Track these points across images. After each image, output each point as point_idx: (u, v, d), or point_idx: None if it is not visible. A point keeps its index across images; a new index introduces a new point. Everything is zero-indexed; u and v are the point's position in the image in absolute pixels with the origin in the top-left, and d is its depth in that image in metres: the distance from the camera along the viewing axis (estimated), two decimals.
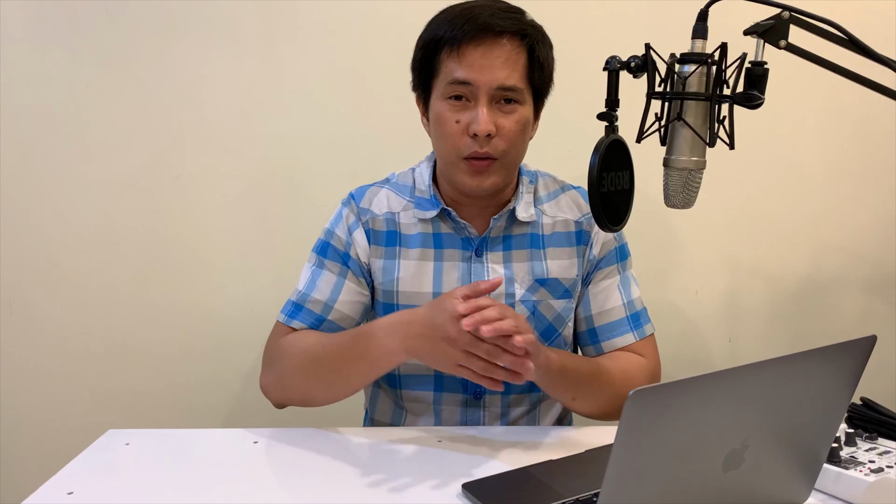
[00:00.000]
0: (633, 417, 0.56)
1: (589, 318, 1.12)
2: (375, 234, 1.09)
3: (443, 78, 1.00)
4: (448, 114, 1.00)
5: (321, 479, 0.86)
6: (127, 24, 1.44)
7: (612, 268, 1.13)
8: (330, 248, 1.10)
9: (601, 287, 1.12)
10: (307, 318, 1.08)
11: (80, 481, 0.85)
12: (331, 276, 1.09)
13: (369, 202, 1.11)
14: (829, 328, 1.65)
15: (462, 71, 0.97)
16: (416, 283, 1.07)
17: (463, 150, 0.99)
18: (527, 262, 1.09)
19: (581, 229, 1.12)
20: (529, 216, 1.09)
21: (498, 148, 0.99)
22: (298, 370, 1.02)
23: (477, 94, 0.98)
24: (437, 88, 1.01)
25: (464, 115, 0.99)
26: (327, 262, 1.10)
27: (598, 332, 1.11)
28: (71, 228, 1.50)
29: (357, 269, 1.09)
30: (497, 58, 0.97)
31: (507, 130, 0.99)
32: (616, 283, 1.12)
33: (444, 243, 1.08)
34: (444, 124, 1.00)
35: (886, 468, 0.81)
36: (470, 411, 1.10)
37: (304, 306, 1.08)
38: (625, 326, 1.11)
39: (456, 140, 1.00)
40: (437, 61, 1.00)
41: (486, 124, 0.97)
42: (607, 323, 1.11)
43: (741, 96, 0.79)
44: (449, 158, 1.03)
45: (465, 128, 0.99)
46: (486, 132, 0.97)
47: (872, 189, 1.61)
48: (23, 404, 1.55)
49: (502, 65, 0.97)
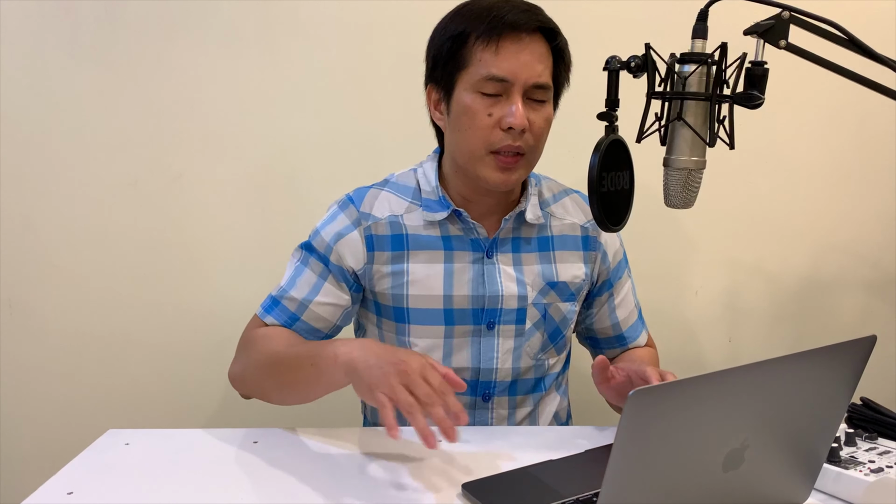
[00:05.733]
0: (633, 417, 0.56)
1: (616, 325, 1.18)
2: (379, 239, 1.06)
3: (475, 71, 0.98)
4: (479, 106, 0.98)
5: (321, 479, 0.86)
6: (127, 24, 1.44)
7: (626, 274, 1.19)
8: (313, 248, 1.09)
9: (623, 295, 1.18)
10: (281, 316, 1.07)
11: (80, 481, 0.84)
12: (312, 275, 1.07)
13: (370, 206, 1.08)
14: (829, 328, 1.65)
15: (499, 66, 0.96)
16: (427, 286, 1.06)
17: (494, 143, 0.99)
18: (537, 265, 1.09)
19: (587, 234, 1.13)
20: (537, 217, 1.09)
21: (528, 143, 1.00)
22: (259, 365, 1.02)
23: (511, 90, 0.97)
24: (466, 81, 0.99)
25: (496, 108, 0.98)
26: (311, 261, 1.08)
27: (626, 336, 1.19)
28: (71, 228, 1.50)
29: (339, 273, 1.07)
30: (533, 53, 0.97)
31: (537, 126, 1.00)
32: (629, 287, 1.20)
33: (454, 245, 1.07)
34: (475, 117, 0.99)
35: (886, 468, 0.81)
36: (478, 413, 1.10)
37: (281, 302, 1.08)
38: (640, 325, 1.22)
39: (486, 133, 0.99)
40: (469, 54, 0.98)
41: (522, 118, 0.97)
42: (630, 326, 1.20)
43: (741, 96, 0.80)
44: (475, 153, 1.00)
45: (497, 121, 0.98)
46: (522, 126, 0.97)
47: (872, 189, 1.61)
48: (23, 404, 1.55)
49: (538, 61, 0.98)
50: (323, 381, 0.91)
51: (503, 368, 1.08)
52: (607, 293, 1.17)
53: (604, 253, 1.14)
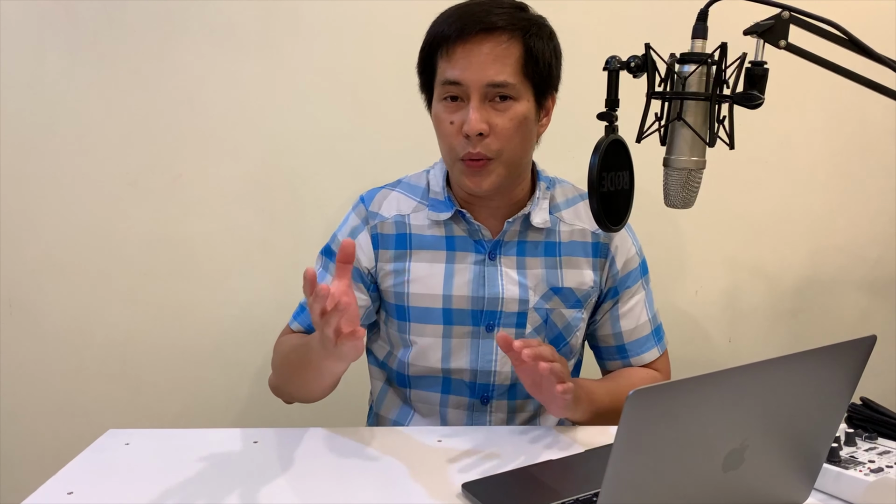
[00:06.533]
0: (633, 417, 0.56)
1: (619, 334, 1.14)
2: (383, 238, 1.08)
3: (438, 79, 1.00)
4: (444, 115, 1.00)
5: (321, 479, 0.86)
6: (127, 24, 1.44)
7: (638, 284, 1.14)
8: (332, 251, 1.11)
9: (630, 305, 1.13)
10: (305, 321, 1.11)
11: (80, 481, 0.84)
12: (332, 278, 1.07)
13: (378, 205, 1.10)
14: (829, 328, 1.65)
15: (452, 70, 0.97)
16: (427, 285, 1.06)
17: (458, 150, 0.99)
18: (541, 270, 1.08)
19: (598, 241, 1.11)
20: (543, 222, 1.08)
21: (492, 147, 0.98)
22: (277, 370, 1.09)
23: (468, 93, 0.97)
24: (436, 90, 1.01)
25: (457, 115, 0.98)
26: (331, 265, 1.10)
27: (628, 349, 1.14)
28: (71, 228, 1.50)
29: (357, 275, 1.08)
30: (485, 54, 0.95)
31: (500, 128, 0.98)
32: (643, 299, 1.14)
33: (457, 246, 1.07)
34: (441, 125, 1.01)
35: (886, 468, 0.81)
36: (476, 415, 1.10)
37: (306, 308, 1.08)
38: (651, 342, 1.15)
39: (451, 141, 1.00)
40: (434, 63, 1.00)
41: (475, 123, 0.96)
42: (636, 339, 1.14)
43: (741, 96, 0.79)
44: (448, 160, 1.03)
45: (458, 128, 0.98)
46: (475, 131, 0.96)
47: (872, 189, 1.61)
48: (23, 404, 1.55)
49: (492, 61, 0.96)
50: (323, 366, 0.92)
51: (501, 371, 1.08)
52: (611, 301, 1.13)
53: (612, 260, 1.11)
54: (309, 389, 1.02)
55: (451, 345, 1.07)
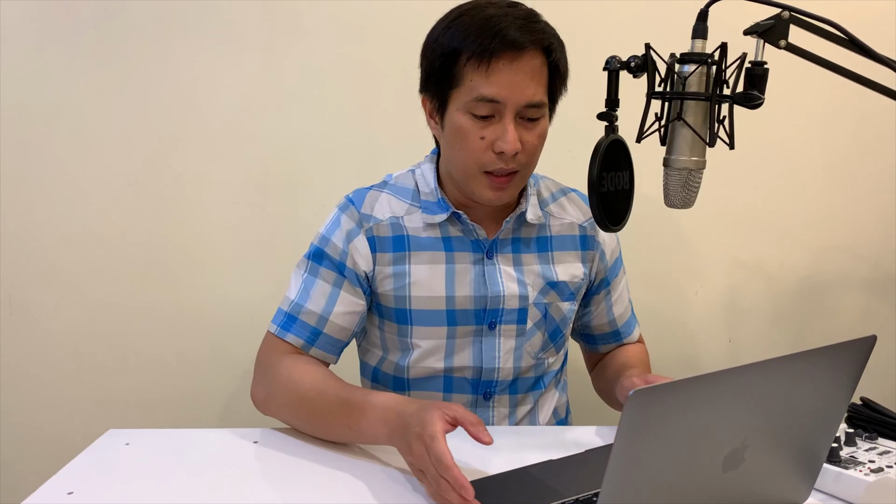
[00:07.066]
0: (633, 417, 0.56)
1: (612, 321, 1.20)
2: (381, 240, 1.06)
3: (466, 91, 0.95)
4: (471, 128, 0.96)
5: (321, 479, 0.86)
6: (127, 24, 1.44)
7: (621, 272, 1.20)
8: (325, 256, 1.05)
9: (618, 292, 1.19)
10: (302, 332, 1.03)
11: (80, 481, 0.84)
12: (325, 285, 1.04)
13: (371, 207, 1.07)
14: (829, 328, 1.65)
15: (489, 87, 0.94)
16: (429, 287, 1.05)
17: (487, 165, 0.98)
18: (537, 265, 1.09)
19: (585, 234, 1.13)
20: (537, 218, 1.09)
21: (521, 162, 0.99)
22: (287, 405, 1.00)
23: (503, 111, 0.95)
24: (458, 100, 0.97)
25: (487, 130, 0.96)
26: (322, 271, 1.05)
27: (621, 331, 1.21)
28: (71, 228, 1.50)
29: (354, 278, 1.05)
30: (525, 73, 0.94)
31: (530, 145, 0.98)
32: (624, 284, 1.21)
33: (455, 246, 1.07)
34: (467, 139, 0.97)
35: (886, 468, 0.81)
36: (479, 411, 1.10)
37: (298, 318, 1.03)
38: (633, 321, 1.23)
39: (478, 155, 0.97)
40: (461, 73, 0.96)
41: (514, 143, 0.95)
42: (625, 322, 1.21)
43: (741, 96, 0.79)
44: (468, 171, 1.00)
45: (489, 144, 0.96)
46: (514, 151, 0.95)
47: (872, 189, 1.61)
48: (23, 404, 1.55)
49: (530, 81, 0.94)
50: (354, 441, 0.96)
51: (504, 368, 1.08)
52: (605, 291, 1.17)
53: (602, 252, 1.14)
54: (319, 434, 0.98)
55: (455, 345, 1.07)
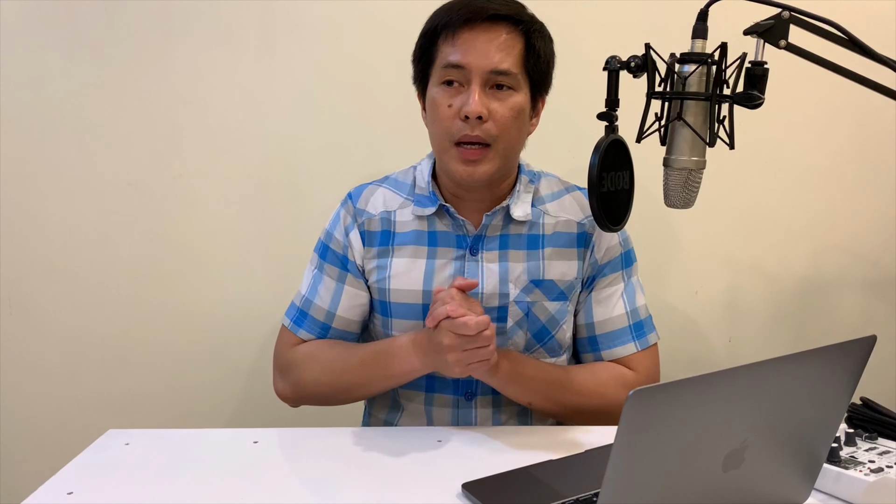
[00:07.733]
0: (633, 417, 0.56)
1: (590, 325, 1.10)
2: (370, 235, 1.09)
3: (438, 63, 1.00)
4: (441, 98, 1.00)
5: (321, 479, 0.86)
6: (127, 24, 1.44)
7: (617, 275, 1.10)
8: (329, 250, 1.11)
9: (605, 294, 1.10)
10: (313, 328, 1.10)
11: (80, 481, 0.85)
12: (330, 281, 1.10)
13: (365, 202, 1.10)
14: (829, 328, 1.65)
15: (456, 54, 0.97)
16: (406, 280, 1.06)
17: (455, 133, 0.99)
18: (523, 263, 1.07)
19: (583, 231, 1.10)
20: (525, 215, 1.07)
21: (490, 133, 0.98)
22: (319, 382, 1.07)
23: (470, 78, 0.97)
24: (433, 76, 1.01)
25: (456, 99, 0.99)
26: (326, 266, 1.11)
27: (599, 341, 1.10)
28: (71, 228, 1.50)
29: (355, 270, 1.09)
30: (491, 41, 0.97)
31: (499, 115, 0.98)
32: (620, 290, 1.10)
33: (439, 241, 1.07)
34: (437, 108, 1.00)
35: (886, 468, 0.81)
36: (461, 412, 1.09)
37: (309, 314, 1.10)
38: (627, 336, 1.09)
39: (448, 124, 0.99)
40: (435, 49, 1.01)
41: (476, 105, 0.96)
42: (609, 332, 1.10)
43: (741, 96, 0.79)
44: (441, 145, 1.02)
45: (457, 111, 0.98)
46: (476, 113, 0.96)
47: (872, 189, 1.61)
48: (23, 404, 1.55)
49: (496, 49, 0.97)
50: (396, 385, 1.07)
51: None
52: (587, 290, 1.11)
53: (593, 248, 1.09)
54: (360, 396, 1.11)
55: None
